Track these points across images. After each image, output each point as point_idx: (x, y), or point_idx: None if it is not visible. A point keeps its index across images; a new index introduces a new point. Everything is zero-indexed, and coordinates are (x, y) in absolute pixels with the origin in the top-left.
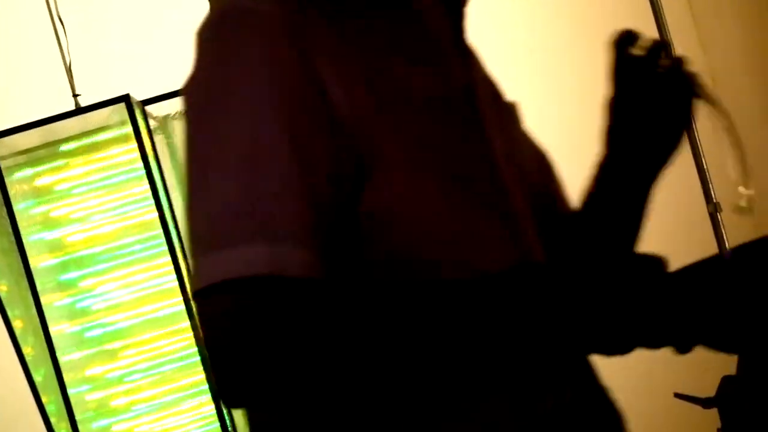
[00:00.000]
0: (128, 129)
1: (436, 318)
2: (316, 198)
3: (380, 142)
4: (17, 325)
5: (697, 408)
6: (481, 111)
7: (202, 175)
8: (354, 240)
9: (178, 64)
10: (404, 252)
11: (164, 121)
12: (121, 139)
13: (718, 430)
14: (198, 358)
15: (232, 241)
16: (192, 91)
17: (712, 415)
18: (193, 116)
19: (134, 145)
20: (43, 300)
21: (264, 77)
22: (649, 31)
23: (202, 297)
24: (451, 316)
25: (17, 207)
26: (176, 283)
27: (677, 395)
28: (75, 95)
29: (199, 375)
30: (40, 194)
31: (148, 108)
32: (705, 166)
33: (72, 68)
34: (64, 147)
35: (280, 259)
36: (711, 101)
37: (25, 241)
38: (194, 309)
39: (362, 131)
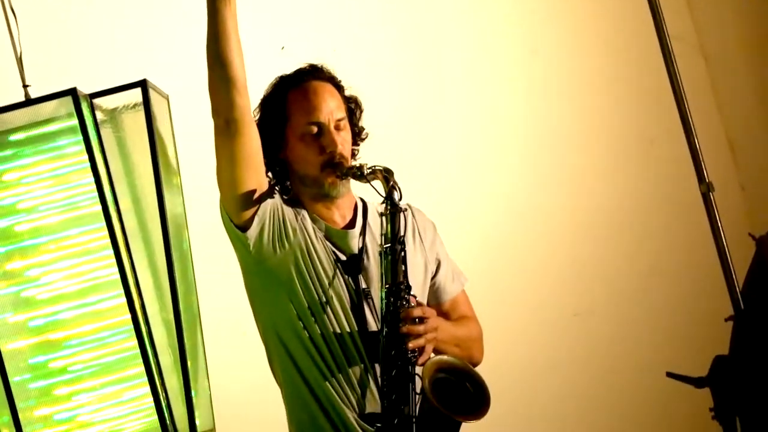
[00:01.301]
0: (75, 122)
1: None
2: None
3: None
4: None
5: (689, 387)
6: None
7: None
8: None
9: (129, 58)
10: None
11: (112, 114)
12: (69, 131)
13: (710, 409)
14: (138, 351)
15: None
16: None
17: (705, 395)
18: None
19: (81, 137)
20: None
21: None
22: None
23: None
24: None
25: None
26: (118, 276)
27: (669, 374)
28: (25, 86)
29: (139, 367)
30: None
31: (97, 101)
32: (698, 146)
33: (23, 59)
34: (13, 137)
35: None
36: None
37: None
38: (136, 302)
39: None
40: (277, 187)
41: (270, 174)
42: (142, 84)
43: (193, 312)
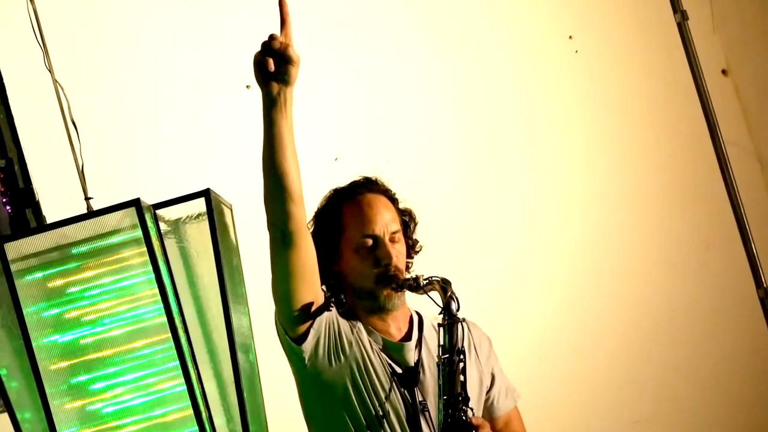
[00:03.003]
0: (139, 233)
1: None
2: None
3: None
4: (26, 428)
5: None
6: None
7: None
8: None
9: (190, 168)
10: None
11: (176, 224)
12: (132, 243)
13: None
14: None
15: None
16: None
17: None
18: None
19: (144, 248)
20: (53, 403)
21: None
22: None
23: None
24: None
25: (27, 310)
26: (185, 388)
27: None
28: (87, 198)
29: None
30: (52, 297)
31: (160, 212)
32: (755, 251)
33: (84, 171)
34: (76, 250)
35: None
36: None
37: (37, 343)
38: (203, 414)
39: None
40: (332, 300)
41: (324, 287)
42: (206, 193)
43: (261, 426)
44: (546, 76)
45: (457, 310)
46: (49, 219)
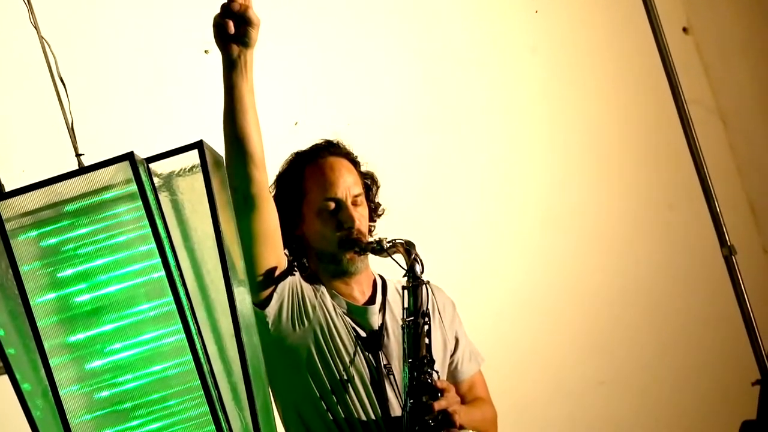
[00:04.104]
0: (133, 187)
1: None
2: None
3: None
4: (26, 388)
5: None
6: None
7: None
8: None
9: (180, 122)
10: None
11: (168, 178)
12: (127, 198)
13: None
14: (209, 417)
15: None
16: None
17: None
18: None
19: (140, 203)
20: (51, 362)
21: None
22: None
23: None
24: None
25: (23, 269)
26: (185, 342)
27: None
28: (78, 155)
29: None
30: (47, 255)
31: (153, 166)
32: (718, 210)
33: (74, 127)
34: (69, 207)
35: None
36: None
37: (33, 302)
38: (204, 367)
39: None
40: (295, 264)
41: (287, 251)
42: (199, 145)
43: (262, 380)
44: (506, 40)
45: (422, 272)
46: (42, 177)
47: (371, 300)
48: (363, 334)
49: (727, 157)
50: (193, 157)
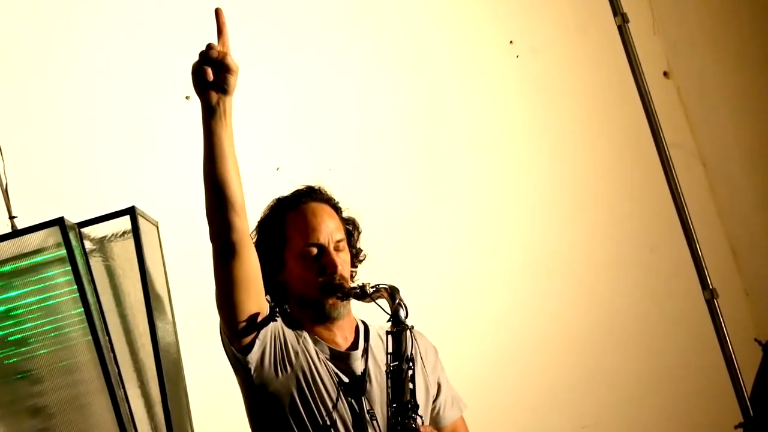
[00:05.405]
0: (63, 252)
1: None
2: None
3: None
4: None
5: None
6: None
7: None
8: None
9: (115, 187)
10: None
11: (101, 242)
12: (57, 262)
13: None
14: None
15: None
16: None
17: None
18: None
19: (69, 267)
20: None
21: None
22: (637, 116)
23: None
24: None
25: None
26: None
27: None
28: (11, 217)
29: None
30: None
31: (86, 230)
32: (700, 253)
33: (8, 191)
34: (0, 269)
35: None
36: None
37: None
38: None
39: None
40: (277, 310)
41: (268, 297)
42: (131, 211)
43: None
44: (487, 83)
45: (406, 317)
46: None
47: (354, 345)
48: (346, 379)
49: (708, 200)
50: (127, 223)
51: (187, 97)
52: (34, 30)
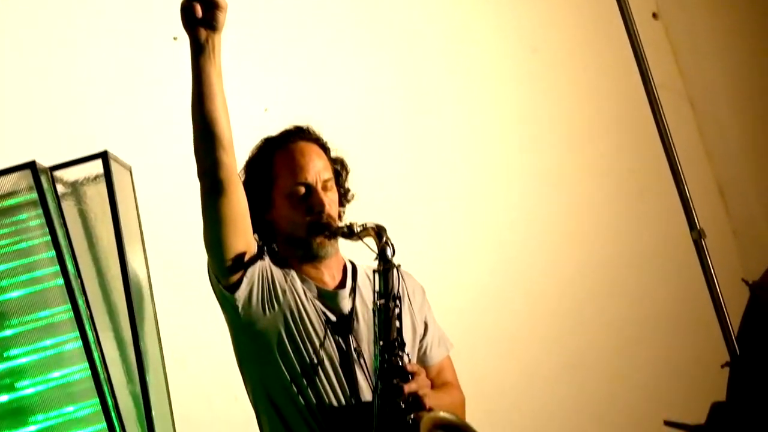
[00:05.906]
0: (35, 195)
1: None
2: None
3: None
4: None
5: None
6: None
7: None
8: None
9: (89, 130)
10: None
11: (74, 186)
12: (30, 205)
13: None
14: (104, 425)
15: None
16: None
17: None
18: None
19: (41, 210)
20: None
21: None
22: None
23: None
24: None
25: None
26: (82, 348)
27: (667, 423)
28: None
29: None
30: None
31: (59, 173)
32: (688, 194)
33: None
34: None
35: None
36: None
37: None
38: (101, 375)
39: None
40: (264, 249)
41: (256, 236)
42: (103, 155)
43: (161, 382)
44: (475, 28)
45: (393, 255)
46: None
47: (341, 284)
48: (333, 318)
49: (696, 142)
50: (99, 166)
51: (174, 38)
52: None
